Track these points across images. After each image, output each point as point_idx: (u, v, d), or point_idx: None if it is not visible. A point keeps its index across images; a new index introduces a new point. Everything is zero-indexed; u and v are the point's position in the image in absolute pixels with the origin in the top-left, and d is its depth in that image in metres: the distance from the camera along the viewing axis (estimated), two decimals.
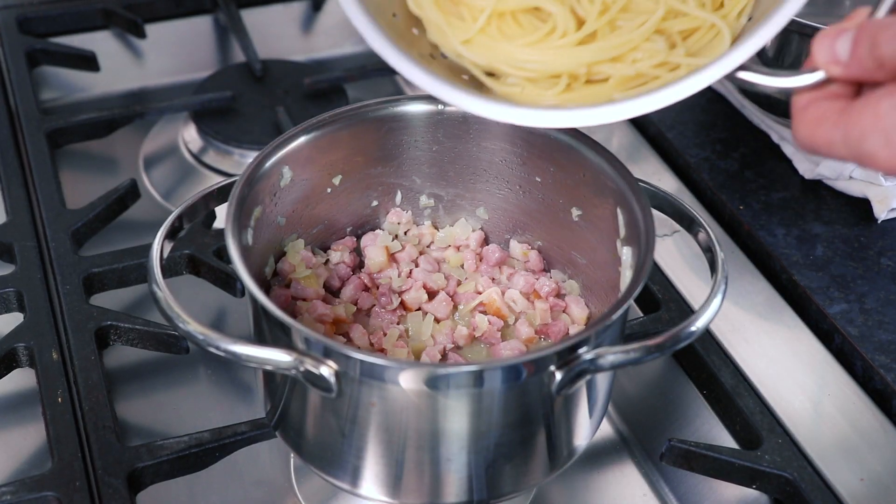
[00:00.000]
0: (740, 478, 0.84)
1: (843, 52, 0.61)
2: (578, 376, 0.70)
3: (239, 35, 1.32)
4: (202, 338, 0.69)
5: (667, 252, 1.04)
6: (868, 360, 0.93)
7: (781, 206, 1.09)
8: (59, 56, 1.30)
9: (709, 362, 0.92)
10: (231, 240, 0.73)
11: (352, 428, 0.72)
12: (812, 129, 0.62)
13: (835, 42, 0.61)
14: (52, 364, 0.89)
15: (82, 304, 0.94)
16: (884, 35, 0.58)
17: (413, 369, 0.68)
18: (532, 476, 0.77)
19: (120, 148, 1.23)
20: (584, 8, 0.75)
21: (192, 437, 0.83)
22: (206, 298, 1.02)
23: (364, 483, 0.75)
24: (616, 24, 0.75)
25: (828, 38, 0.62)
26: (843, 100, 0.62)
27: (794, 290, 1.01)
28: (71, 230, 1.02)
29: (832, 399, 0.91)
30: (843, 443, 0.88)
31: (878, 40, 0.58)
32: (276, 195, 0.82)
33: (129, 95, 1.34)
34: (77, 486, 0.80)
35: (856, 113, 0.60)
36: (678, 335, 0.71)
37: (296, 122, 1.06)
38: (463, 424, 0.71)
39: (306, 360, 0.68)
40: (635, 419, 0.94)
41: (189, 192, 1.10)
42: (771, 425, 0.87)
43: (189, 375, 0.97)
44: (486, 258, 0.90)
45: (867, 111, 0.59)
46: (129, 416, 0.93)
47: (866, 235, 1.06)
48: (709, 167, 1.14)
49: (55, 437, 0.84)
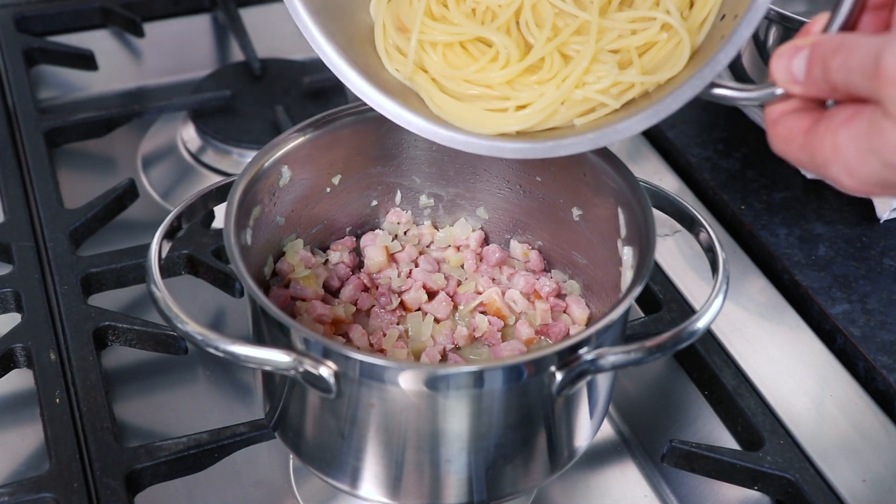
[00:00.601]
0: (742, 479, 0.84)
1: (798, 72, 0.60)
2: (579, 377, 0.70)
3: (238, 34, 1.32)
4: (201, 338, 0.69)
5: (668, 252, 1.04)
6: (870, 360, 0.93)
7: (783, 206, 1.08)
8: (56, 55, 1.30)
9: (710, 363, 0.91)
10: (230, 240, 0.73)
11: (351, 429, 0.72)
12: (783, 146, 0.62)
13: (791, 62, 0.60)
14: (49, 365, 0.89)
15: (80, 305, 0.94)
16: (834, 62, 0.57)
17: (412, 370, 0.68)
18: (532, 477, 0.77)
19: (118, 147, 1.23)
20: (532, 34, 0.74)
21: (191, 439, 0.83)
22: (204, 299, 1.02)
23: (363, 484, 0.75)
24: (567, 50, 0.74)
25: (783, 57, 0.61)
26: (810, 115, 0.61)
27: (795, 290, 1.01)
28: (69, 230, 1.02)
29: (834, 400, 0.91)
30: (845, 444, 0.87)
31: (829, 66, 0.58)
32: (275, 195, 0.82)
33: (127, 94, 1.34)
34: (75, 487, 0.80)
35: (818, 139, 0.59)
36: (679, 335, 0.71)
37: (295, 121, 1.05)
38: (463, 425, 0.71)
39: (305, 360, 0.68)
40: (636, 420, 0.94)
41: (188, 192, 1.08)
42: (773, 426, 0.86)
43: (188, 376, 0.97)
44: (486, 258, 0.90)
45: (827, 141, 0.58)
46: (128, 417, 0.92)
47: (869, 235, 1.05)
48: (710, 166, 1.13)
49: (53, 438, 0.84)
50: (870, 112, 0.56)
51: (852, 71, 0.56)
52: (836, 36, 0.59)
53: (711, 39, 0.72)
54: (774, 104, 0.63)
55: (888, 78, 0.54)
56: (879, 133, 0.55)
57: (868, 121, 0.56)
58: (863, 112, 0.56)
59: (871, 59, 0.55)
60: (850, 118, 0.57)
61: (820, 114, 0.60)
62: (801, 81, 0.60)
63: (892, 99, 0.54)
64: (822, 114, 0.60)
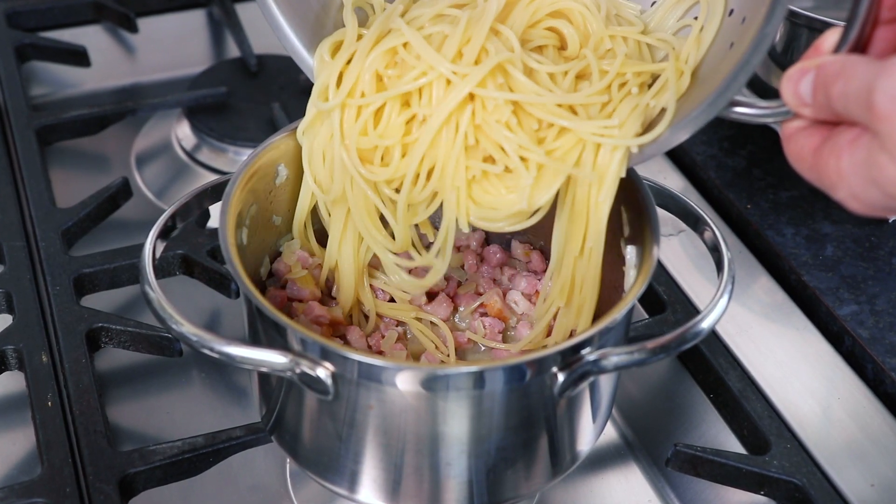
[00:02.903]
0: (748, 484, 0.84)
1: (806, 95, 0.60)
2: (581, 378, 0.69)
3: (233, 29, 1.32)
4: (196, 339, 0.69)
5: (672, 252, 1.03)
6: (879, 362, 0.93)
7: (790, 205, 1.08)
8: (48, 51, 1.29)
9: (715, 365, 0.91)
10: (225, 239, 0.73)
11: (349, 432, 0.72)
12: (796, 163, 0.63)
13: (798, 85, 0.61)
14: (41, 367, 0.89)
15: (73, 306, 0.93)
16: (834, 89, 0.57)
17: (411, 371, 0.68)
18: (534, 481, 0.76)
19: (111, 145, 1.22)
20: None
21: (186, 442, 0.83)
22: (199, 299, 1.01)
23: (362, 488, 0.75)
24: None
25: (791, 80, 0.61)
26: (820, 133, 0.61)
27: (802, 291, 1.01)
28: (61, 230, 1.01)
29: (842, 403, 0.91)
30: (853, 447, 0.87)
31: (830, 93, 0.58)
32: (272, 193, 0.82)
33: (120, 91, 1.34)
34: (67, 492, 0.80)
35: (823, 161, 0.59)
36: (683, 336, 0.71)
37: (292, 118, 1.05)
38: (463, 428, 0.70)
39: (302, 361, 0.68)
40: (640, 423, 0.94)
41: (182, 191, 1.10)
42: (779, 430, 0.86)
43: (182, 378, 0.96)
44: (486, 259, 0.89)
45: (831, 165, 0.58)
46: (121, 421, 0.92)
47: (877, 235, 1.05)
48: (716, 165, 1.13)
49: (45, 441, 0.83)
50: (867, 140, 0.56)
51: (850, 100, 0.56)
52: (838, 60, 0.58)
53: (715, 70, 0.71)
54: (790, 121, 0.63)
55: (880, 114, 0.54)
56: (877, 167, 0.55)
57: (867, 150, 0.56)
58: (862, 139, 0.56)
59: (866, 91, 0.54)
60: (852, 142, 0.57)
61: (828, 133, 0.60)
62: (809, 104, 0.60)
63: (887, 134, 0.54)
64: (830, 133, 0.60)
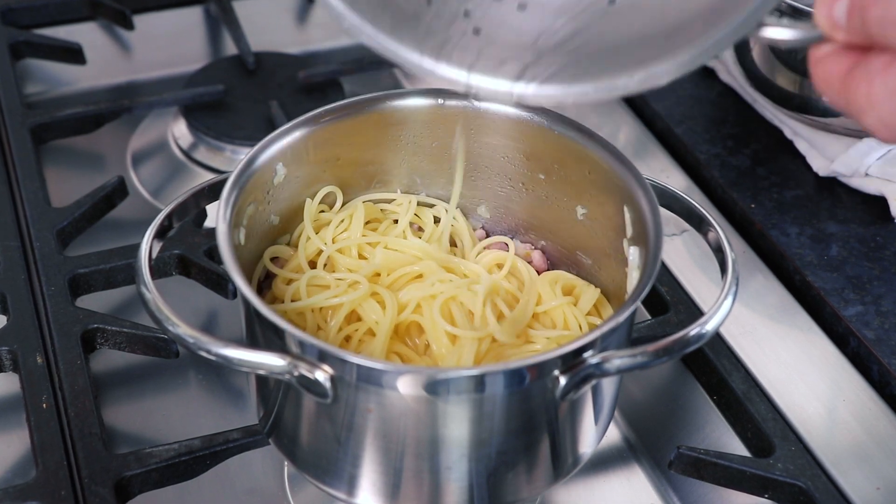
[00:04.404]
0: (752, 486, 0.83)
1: (840, 18, 0.58)
2: (584, 381, 0.69)
3: (231, 27, 1.32)
4: (192, 341, 0.69)
5: (675, 252, 1.03)
6: (885, 364, 0.92)
7: (795, 205, 1.08)
8: (43, 48, 1.29)
9: (719, 367, 0.91)
10: (222, 239, 0.73)
11: (348, 435, 0.71)
12: (823, 88, 0.61)
13: (832, 7, 0.59)
14: (36, 368, 0.88)
15: (68, 307, 0.93)
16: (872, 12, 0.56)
17: (411, 373, 0.67)
18: (536, 485, 0.76)
19: (107, 144, 1.22)
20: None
21: (182, 445, 0.83)
22: (196, 300, 1.01)
23: (361, 492, 0.74)
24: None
25: (825, 3, 0.59)
26: (850, 58, 0.59)
27: (807, 291, 1.00)
28: (56, 229, 1.01)
29: (847, 405, 0.90)
30: (858, 450, 0.87)
31: (867, 16, 0.56)
32: (270, 193, 0.81)
33: (116, 89, 1.33)
34: (62, 495, 0.80)
35: (853, 86, 0.58)
36: (687, 338, 0.70)
37: (290, 116, 1.05)
38: (463, 431, 0.70)
39: (301, 364, 0.67)
40: (643, 426, 0.94)
41: (179, 190, 1.08)
42: (784, 432, 0.86)
43: (179, 380, 0.96)
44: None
45: (861, 89, 0.57)
46: (117, 423, 0.92)
47: (883, 235, 1.05)
48: (719, 164, 1.13)
49: (40, 444, 0.83)
50: None
51: (888, 24, 0.55)
52: None
53: None
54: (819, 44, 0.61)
55: None
56: None
57: None
58: None
59: None
60: (885, 68, 0.56)
61: (859, 58, 0.59)
62: (843, 27, 0.59)
63: None
64: (862, 58, 0.58)
